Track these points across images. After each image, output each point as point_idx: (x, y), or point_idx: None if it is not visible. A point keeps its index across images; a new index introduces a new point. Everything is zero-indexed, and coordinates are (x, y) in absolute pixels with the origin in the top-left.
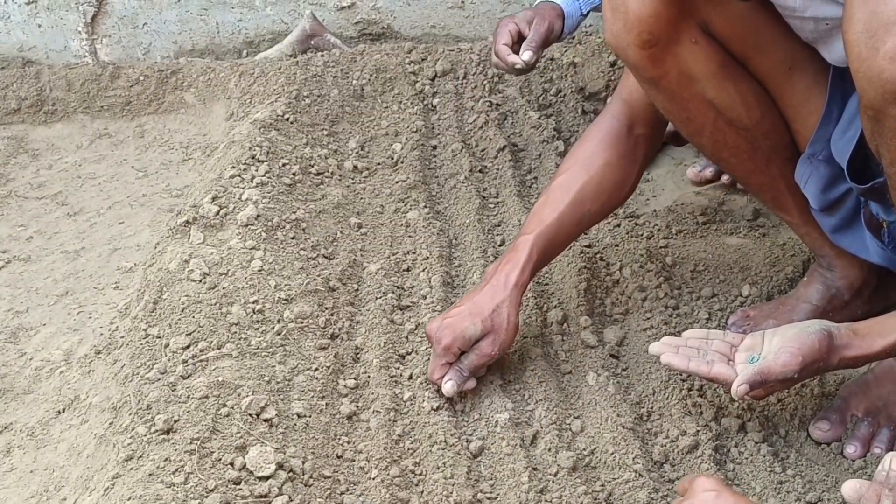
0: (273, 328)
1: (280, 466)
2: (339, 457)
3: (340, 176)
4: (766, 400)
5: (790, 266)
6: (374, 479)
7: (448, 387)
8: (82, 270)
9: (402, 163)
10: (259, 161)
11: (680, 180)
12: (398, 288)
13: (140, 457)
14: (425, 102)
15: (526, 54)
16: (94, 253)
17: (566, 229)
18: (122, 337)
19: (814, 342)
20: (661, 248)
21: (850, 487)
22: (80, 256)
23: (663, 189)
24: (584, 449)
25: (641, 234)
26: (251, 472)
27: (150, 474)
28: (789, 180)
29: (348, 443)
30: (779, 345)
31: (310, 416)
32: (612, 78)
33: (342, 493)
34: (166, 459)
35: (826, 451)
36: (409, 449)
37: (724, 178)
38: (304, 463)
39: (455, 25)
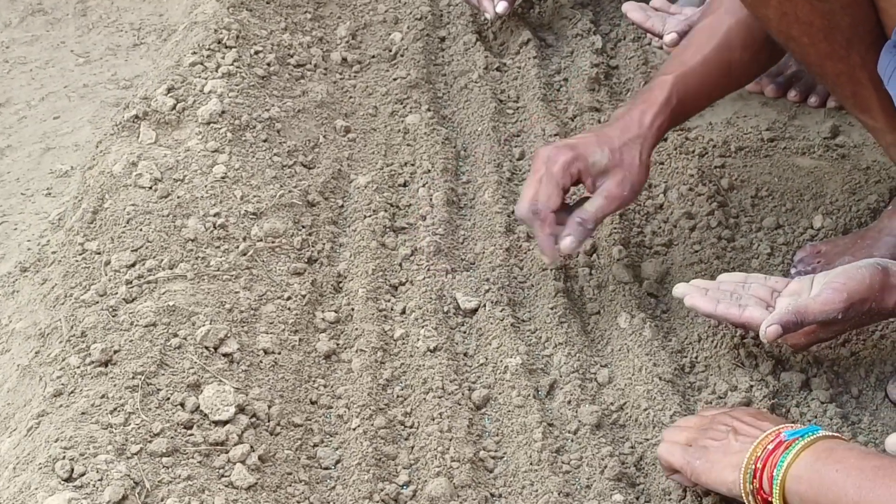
0: (237, 247)
1: (241, 410)
2: (313, 402)
3: (326, 69)
4: (836, 352)
5: (873, 194)
6: (354, 429)
7: (568, 243)
8: (7, 173)
9: (401, 56)
10: (226, 47)
11: (743, 88)
12: (392, 206)
13: (71, 392)
14: None
15: (500, 5)
16: (23, 153)
17: (713, 77)
18: (54, 252)
19: (864, 277)
20: (715, 167)
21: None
22: (4, 156)
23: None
24: (612, 403)
25: (693, 151)
26: (205, 414)
27: (82, 413)
28: (872, 72)
29: (325, 386)
30: (822, 282)
31: (279, 353)
32: None
33: (315, 445)
34: (103, 396)
35: None
36: (398, 396)
37: (791, 94)
38: (270, 407)
39: None
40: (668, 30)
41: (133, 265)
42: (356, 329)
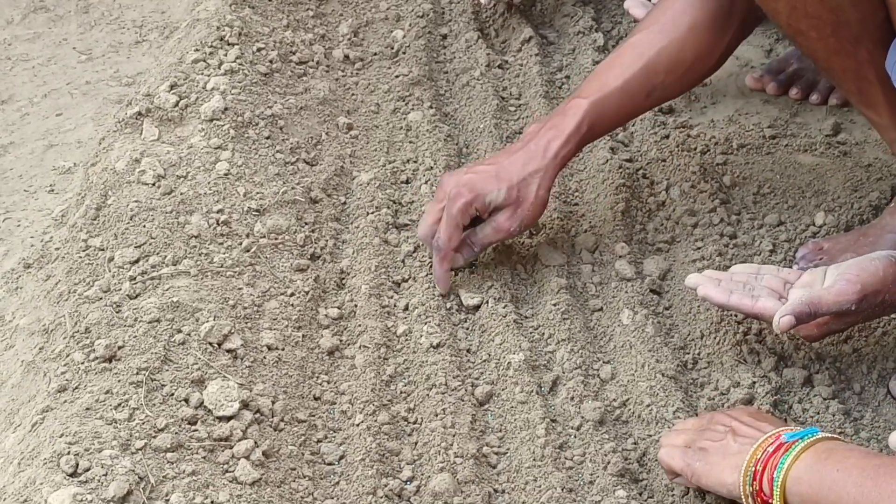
0: (240, 244)
1: (245, 405)
2: (316, 398)
3: (328, 66)
4: (838, 348)
5: (875, 191)
6: (358, 425)
7: (457, 260)
8: (10, 170)
9: (403, 53)
10: (229, 44)
11: (744, 85)
12: (394, 202)
13: (76, 388)
14: None
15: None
16: (26, 149)
17: (630, 100)
18: (57, 249)
19: (877, 269)
20: (718, 165)
21: None
22: (7, 153)
23: (724, 95)
24: (615, 399)
25: (695, 148)
26: (209, 410)
27: (87, 408)
28: (879, 69)
29: (328, 382)
30: (835, 273)
31: (282, 349)
32: None
33: (319, 441)
34: (107, 392)
35: None
36: (401, 392)
37: (792, 91)
38: (273, 403)
39: None
40: None
41: (136, 261)
42: (359, 325)
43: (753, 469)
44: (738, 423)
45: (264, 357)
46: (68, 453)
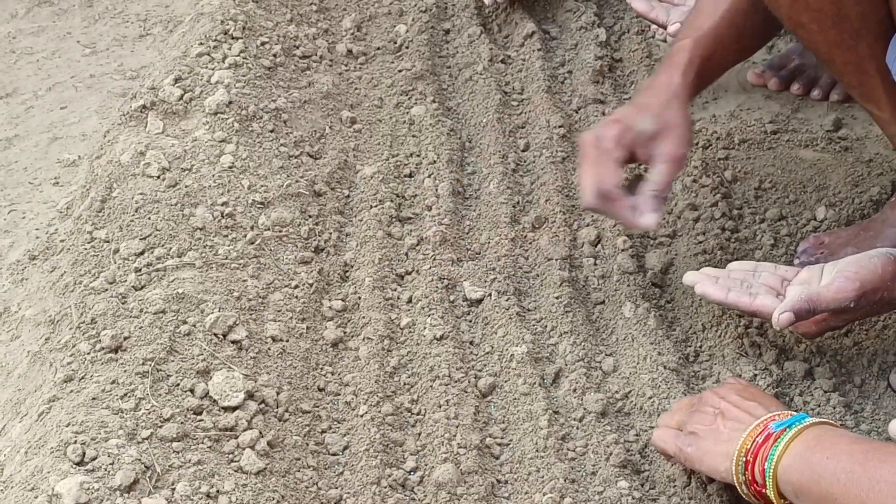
0: (245, 236)
1: (250, 396)
2: (320, 389)
3: (331, 61)
4: (839, 342)
5: (876, 186)
6: (362, 416)
7: (654, 219)
8: (15, 162)
9: (406, 48)
10: (233, 38)
11: (746, 81)
12: (398, 196)
13: (82, 378)
14: None
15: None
16: (30, 142)
17: (727, 41)
18: (63, 241)
19: (875, 266)
20: (719, 160)
21: None
22: (12, 146)
23: (725, 90)
24: (617, 391)
25: (696, 143)
26: (215, 400)
27: (93, 398)
28: (880, 63)
29: (332, 374)
30: (834, 271)
31: (287, 341)
32: None
33: (323, 432)
34: (113, 382)
35: None
36: (405, 383)
37: (794, 87)
38: (278, 394)
39: None
40: (672, 20)
41: (142, 253)
42: (363, 317)
43: (744, 459)
44: (727, 405)
45: (269, 348)
46: (75, 442)
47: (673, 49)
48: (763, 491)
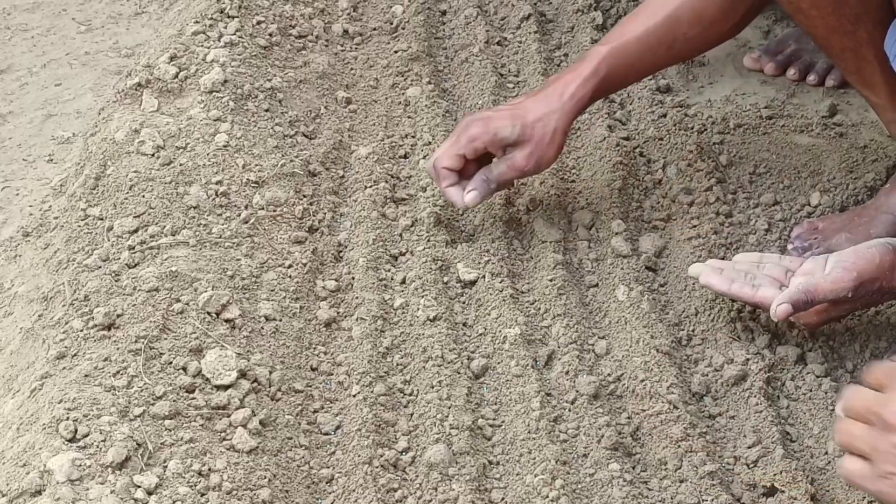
0: (239, 215)
1: (242, 375)
2: (313, 369)
3: (327, 41)
4: (831, 327)
5: (871, 172)
6: (354, 396)
7: (471, 197)
8: (9, 139)
9: (402, 29)
10: (229, 17)
11: (742, 66)
12: (392, 177)
13: (74, 355)
14: None
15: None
16: (24, 119)
17: (651, 50)
18: (56, 218)
19: (873, 256)
20: (714, 144)
21: None
22: (6, 122)
23: (721, 75)
24: (609, 374)
25: (692, 127)
26: (207, 379)
27: (85, 375)
28: (879, 49)
29: (325, 353)
30: (833, 261)
31: (280, 320)
32: None
33: (316, 411)
34: (106, 359)
35: None
36: (398, 364)
37: (790, 72)
38: (271, 373)
39: None
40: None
41: (135, 231)
42: (356, 298)
43: None
44: None
45: (262, 328)
46: (67, 419)
47: (589, 52)
48: None
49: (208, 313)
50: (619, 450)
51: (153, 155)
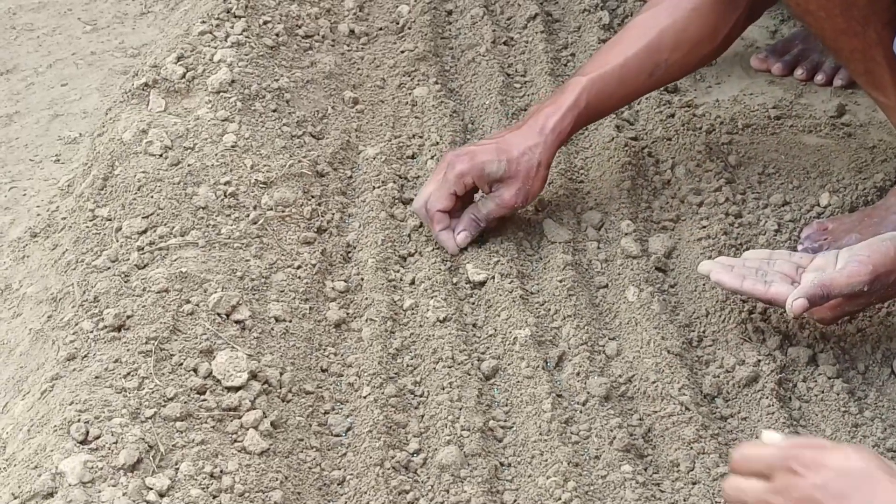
0: (248, 215)
1: (253, 376)
2: (324, 370)
3: (334, 41)
4: (843, 328)
5: (880, 173)
6: (365, 397)
7: (461, 238)
8: (16, 139)
9: (409, 29)
10: (235, 17)
11: (749, 66)
12: (400, 177)
13: (84, 356)
14: None
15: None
16: (31, 119)
17: (632, 78)
18: (64, 218)
19: (888, 249)
20: (723, 144)
21: None
22: (13, 122)
23: (729, 75)
24: (620, 375)
25: (700, 128)
26: (218, 380)
27: (96, 377)
28: (888, 50)
29: (335, 354)
30: (847, 256)
31: (290, 321)
32: None
33: (326, 413)
34: (116, 361)
35: None
36: (408, 365)
37: (797, 72)
38: (281, 374)
39: None
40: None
41: (144, 232)
42: (366, 298)
43: None
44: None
45: (272, 329)
46: (78, 421)
47: (569, 82)
48: None
49: (218, 314)
50: (631, 451)
51: (161, 155)
